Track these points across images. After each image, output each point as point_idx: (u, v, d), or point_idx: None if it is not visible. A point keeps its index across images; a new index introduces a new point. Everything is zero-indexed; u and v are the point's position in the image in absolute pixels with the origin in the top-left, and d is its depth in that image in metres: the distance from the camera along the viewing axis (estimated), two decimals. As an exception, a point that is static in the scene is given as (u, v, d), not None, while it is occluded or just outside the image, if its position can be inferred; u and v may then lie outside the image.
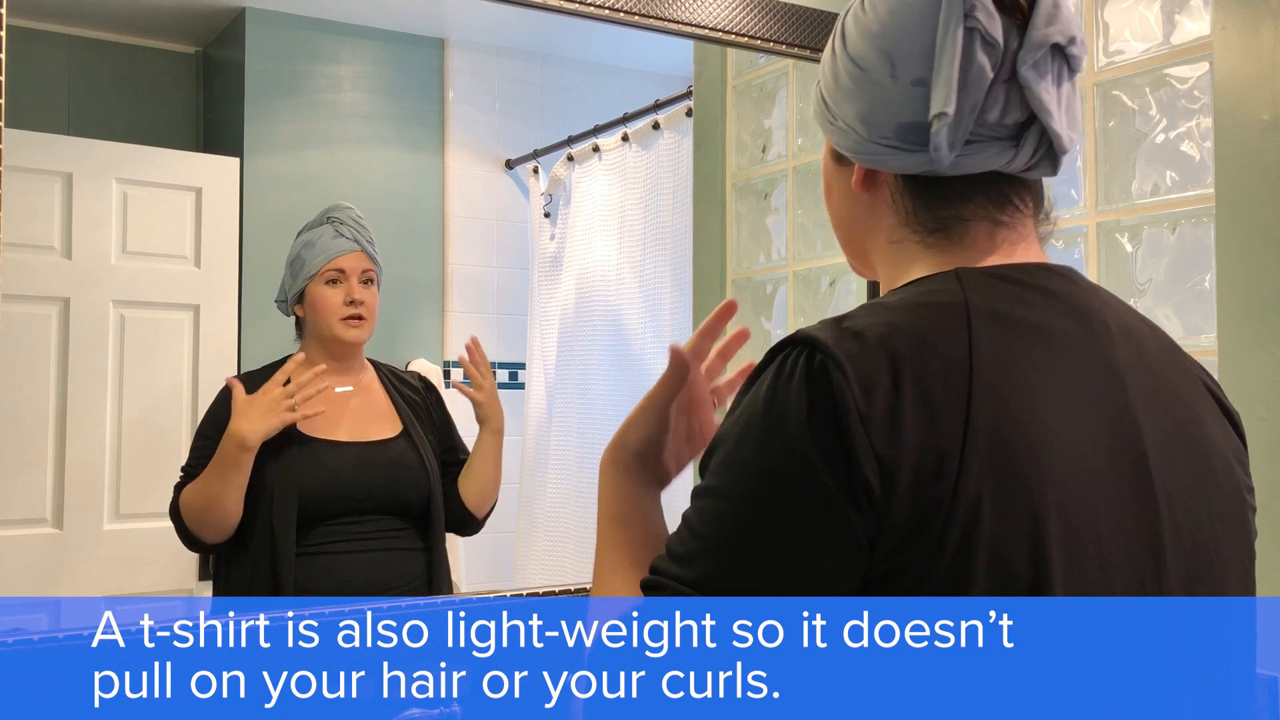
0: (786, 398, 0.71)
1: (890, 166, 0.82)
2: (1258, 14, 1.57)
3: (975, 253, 0.80)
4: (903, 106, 0.79)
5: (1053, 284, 0.78)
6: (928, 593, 0.69)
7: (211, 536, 1.58)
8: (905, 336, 0.72)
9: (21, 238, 1.46)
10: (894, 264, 0.84)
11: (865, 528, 0.69)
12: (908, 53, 0.79)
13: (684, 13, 1.77)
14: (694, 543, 0.74)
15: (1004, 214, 0.81)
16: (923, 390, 0.70)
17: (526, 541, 2.15)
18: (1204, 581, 0.78)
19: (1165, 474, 0.76)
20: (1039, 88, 0.77)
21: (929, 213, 0.82)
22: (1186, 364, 0.84)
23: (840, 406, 0.69)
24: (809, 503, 0.70)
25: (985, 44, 0.76)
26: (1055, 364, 0.74)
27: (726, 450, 0.75)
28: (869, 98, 0.81)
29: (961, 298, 0.75)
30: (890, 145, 0.80)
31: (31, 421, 1.62)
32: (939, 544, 0.68)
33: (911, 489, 0.68)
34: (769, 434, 0.72)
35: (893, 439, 0.68)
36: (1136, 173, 1.78)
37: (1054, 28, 0.77)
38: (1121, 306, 0.82)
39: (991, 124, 0.77)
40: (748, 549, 0.72)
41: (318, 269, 1.67)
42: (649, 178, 2.20)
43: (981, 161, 0.78)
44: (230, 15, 1.85)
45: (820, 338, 0.72)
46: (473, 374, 1.79)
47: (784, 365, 0.73)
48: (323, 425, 1.65)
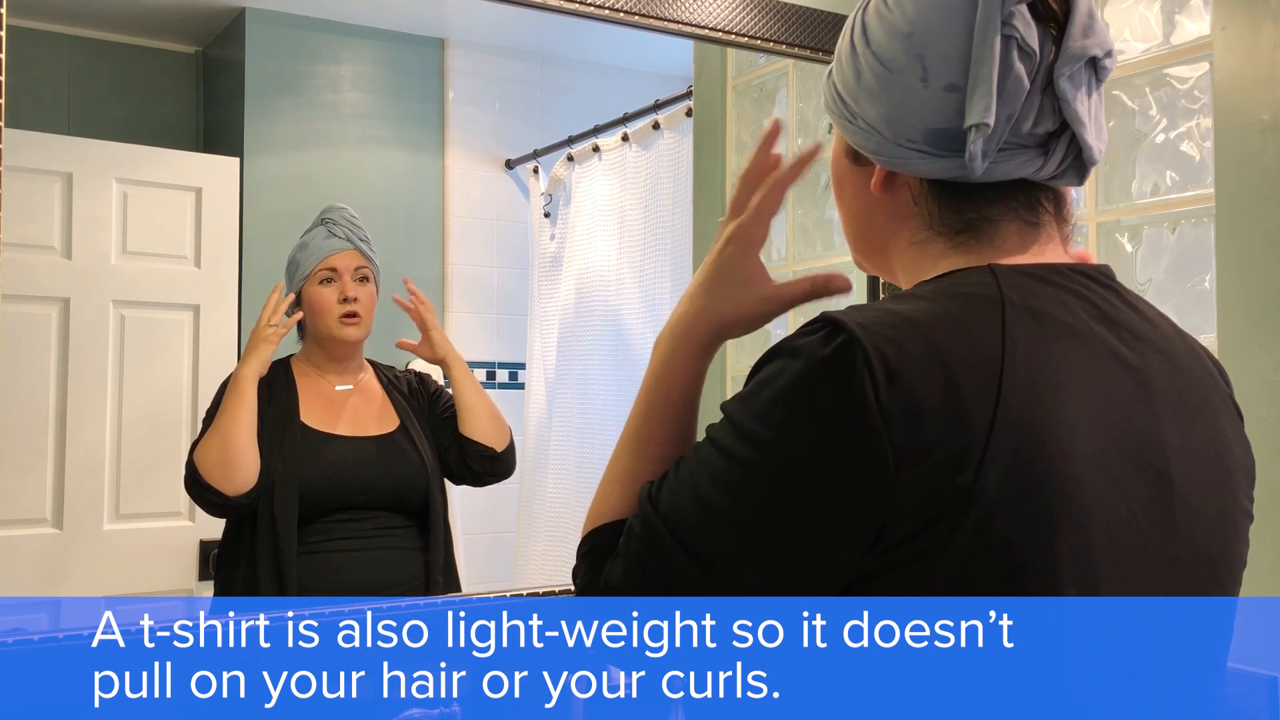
0: (808, 380, 0.70)
1: (916, 170, 0.79)
2: (1258, 14, 1.57)
3: (1004, 252, 0.79)
4: (934, 112, 0.77)
5: (1087, 287, 0.77)
6: (933, 586, 0.69)
7: (230, 484, 1.56)
8: (939, 324, 0.71)
9: (21, 238, 1.46)
10: (917, 264, 0.82)
11: (874, 517, 0.69)
12: (941, 56, 0.76)
13: (684, 13, 1.77)
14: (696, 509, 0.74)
15: (1034, 214, 0.80)
16: (951, 382, 0.69)
17: (526, 541, 2.15)
18: (1210, 592, 0.78)
19: (1186, 486, 0.76)
20: (1075, 99, 0.76)
21: (956, 215, 0.80)
22: (1213, 373, 0.83)
23: (860, 395, 0.68)
24: (819, 489, 0.70)
25: (1022, 53, 0.75)
26: (1086, 367, 0.73)
27: (741, 414, 0.74)
28: (896, 100, 0.78)
29: (997, 291, 0.73)
30: (917, 149, 0.78)
31: (31, 421, 1.62)
32: (948, 539, 0.68)
33: (927, 481, 0.68)
34: (785, 413, 0.71)
35: (912, 431, 0.68)
36: (1136, 173, 1.78)
37: (1091, 39, 0.76)
38: (1154, 313, 0.81)
39: (1024, 133, 0.76)
40: (752, 524, 0.72)
41: (311, 269, 1.69)
42: (649, 178, 2.20)
43: (1011, 169, 0.77)
44: (230, 15, 1.85)
45: (848, 321, 0.70)
46: (418, 315, 1.78)
47: (810, 344, 0.71)
48: (323, 420, 1.67)
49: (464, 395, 1.77)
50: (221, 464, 1.56)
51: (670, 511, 0.75)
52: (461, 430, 1.76)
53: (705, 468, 0.74)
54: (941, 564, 0.68)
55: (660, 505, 0.76)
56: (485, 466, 1.77)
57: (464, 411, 1.77)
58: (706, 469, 0.74)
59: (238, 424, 1.57)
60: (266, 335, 1.62)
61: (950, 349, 0.70)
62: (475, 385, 1.79)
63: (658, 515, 0.75)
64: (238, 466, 1.57)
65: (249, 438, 1.57)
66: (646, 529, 0.76)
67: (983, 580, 0.69)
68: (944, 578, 0.69)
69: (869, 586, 0.71)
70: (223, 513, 1.61)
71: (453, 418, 1.77)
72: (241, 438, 1.57)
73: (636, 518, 0.78)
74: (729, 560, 0.73)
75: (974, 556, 0.68)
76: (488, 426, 1.77)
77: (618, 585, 0.77)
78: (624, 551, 0.78)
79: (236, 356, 1.74)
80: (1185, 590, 0.75)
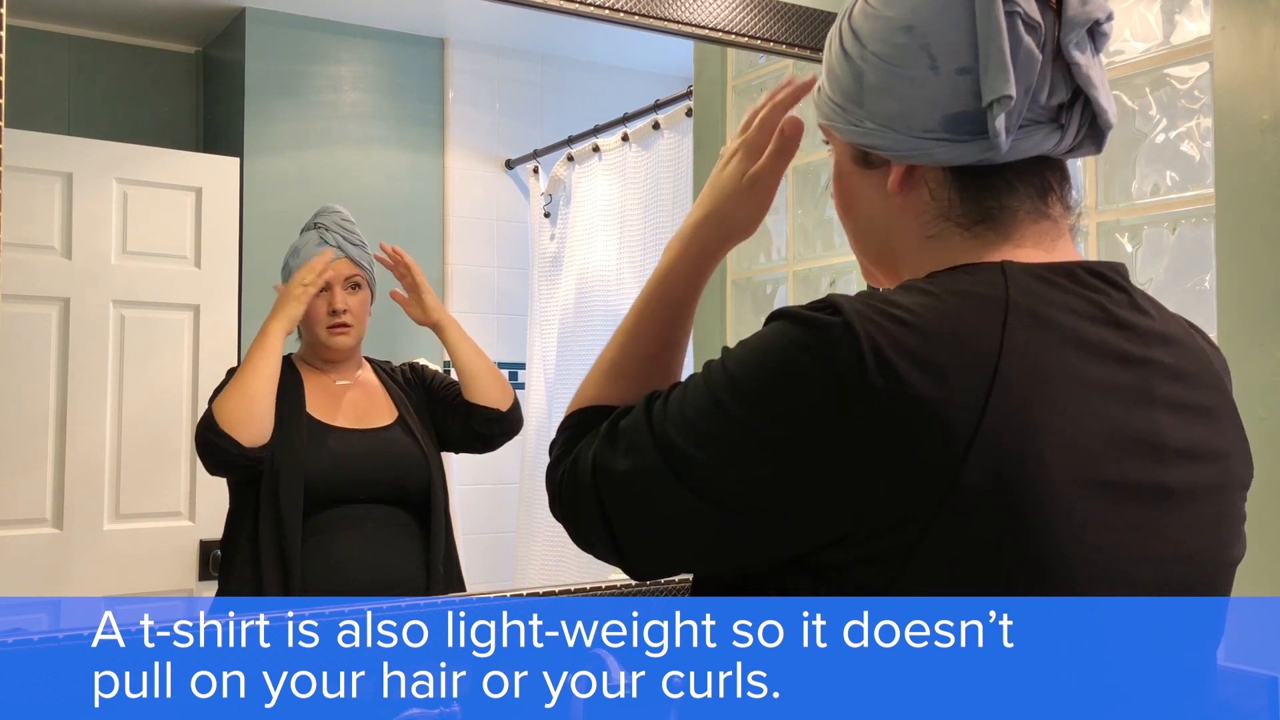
0: (800, 354, 0.71)
1: (939, 159, 0.79)
2: (1258, 14, 1.57)
3: (1018, 244, 0.79)
4: (949, 97, 0.77)
5: (1098, 290, 0.77)
6: (904, 583, 0.69)
7: (248, 433, 1.56)
8: (937, 321, 0.71)
9: (21, 238, 1.45)
10: (929, 256, 0.81)
11: (846, 503, 0.69)
12: (947, 43, 0.77)
13: (684, 13, 1.77)
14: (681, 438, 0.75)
15: (1046, 204, 0.80)
16: (941, 380, 0.69)
17: (526, 541, 2.15)
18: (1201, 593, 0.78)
19: (1182, 490, 0.76)
20: (1089, 68, 0.77)
21: (976, 204, 0.79)
22: (1218, 373, 0.83)
23: (844, 379, 0.69)
24: (791, 463, 0.70)
25: (1028, 25, 0.76)
26: (1085, 373, 0.73)
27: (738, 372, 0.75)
28: (907, 93, 0.78)
29: (1003, 293, 0.73)
30: (937, 138, 0.78)
31: (31, 421, 1.62)
32: (922, 536, 0.68)
33: (904, 476, 0.68)
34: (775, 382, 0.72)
35: (893, 424, 0.68)
36: (1136, 173, 1.78)
37: (1091, 4, 0.77)
38: (1164, 314, 0.81)
39: (1041, 106, 0.77)
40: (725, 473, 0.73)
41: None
42: (649, 178, 2.20)
43: (1032, 145, 0.77)
44: (230, 15, 1.85)
45: (848, 307, 0.71)
46: (407, 277, 1.78)
47: (809, 322, 0.72)
48: (326, 412, 1.68)
49: (464, 359, 1.78)
50: (241, 412, 1.56)
51: (661, 431, 0.77)
52: (467, 397, 1.76)
53: (699, 410, 0.76)
54: (914, 561, 0.69)
55: (654, 420, 0.78)
56: (493, 429, 1.78)
57: (466, 377, 1.77)
58: (701, 412, 0.76)
59: (260, 375, 1.58)
60: (297, 294, 1.64)
61: (945, 347, 0.70)
62: (472, 347, 1.79)
63: (649, 425, 0.78)
64: (258, 416, 1.57)
65: (270, 389, 1.58)
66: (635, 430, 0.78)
67: (959, 580, 0.69)
68: (916, 575, 0.69)
69: (841, 577, 0.71)
70: (231, 467, 1.59)
71: (455, 393, 1.78)
72: (263, 387, 1.58)
73: (628, 416, 0.80)
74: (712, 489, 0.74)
75: (948, 557, 0.68)
76: (492, 388, 1.78)
77: (590, 460, 0.81)
78: (605, 435, 0.81)
79: (237, 356, 1.74)
80: (1174, 591, 0.75)
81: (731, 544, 0.75)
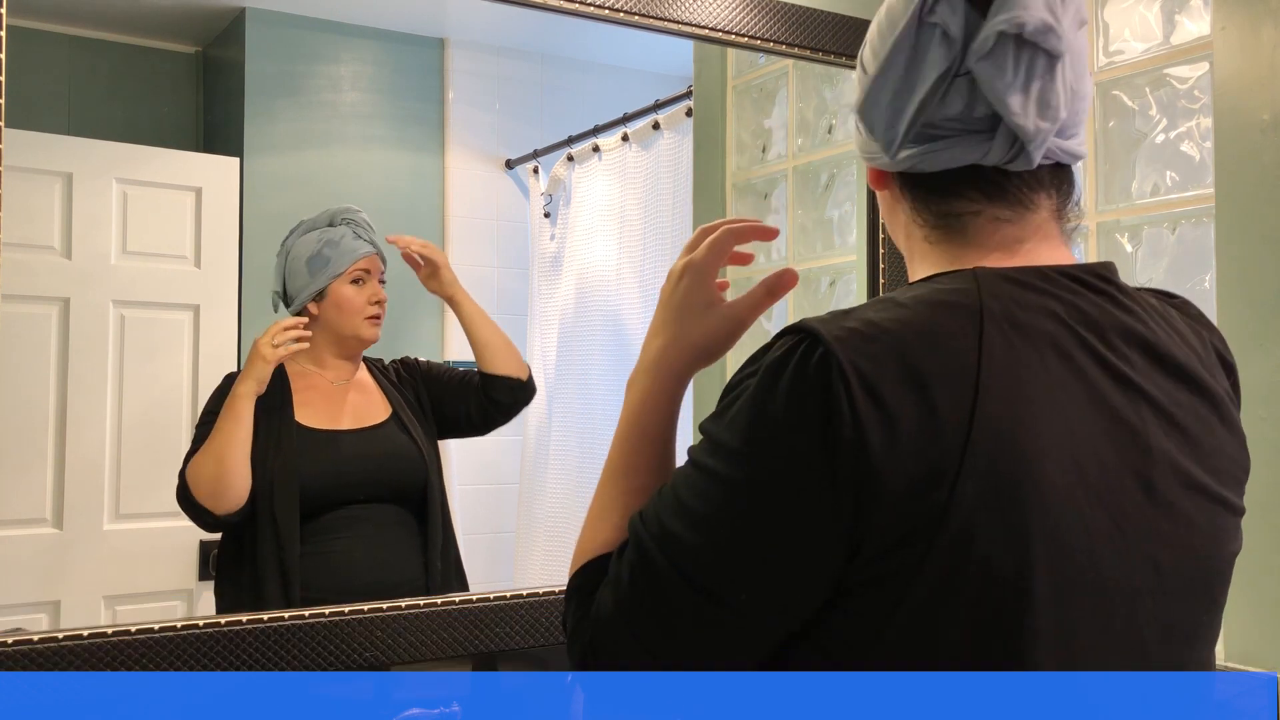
0: (781, 392, 0.70)
1: (879, 163, 0.83)
2: (1258, 14, 1.57)
3: (983, 251, 0.79)
4: (871, 105, 0.81)
5: (1075, 292, 0.76)
6: (913, 601, 0.69)
7: (221, 504, 1.58)
8: (914, 336, 0.71)
9: (21, 238, 1.45)
10: (918, 258, 0.84)
11: (848, 532, 0.69)
12: (873, 50, 0.81)
13: (684, 13, 1.77)
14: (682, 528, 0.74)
15: (1004, 209, 0.79)
16: (926, 396, 0.69)
17: (526, 541, 2.15)
18: (1199, 596, 0.78)
19: (1172, 491, 0.75)
20: (996, 80, 0.75)
21: (927, 208, 0.81)
22: (1214, 371, 0.82)
23: (833, 410, 0.68)
24: (791, 504, 0.70)
25: (944, 38, 0.76)
26: (1067, 379, 0.73)
27: (719, 431, 0.74)
28: (860, 99, 0.83)
29: (976, 300, 0.73)
30: (878, 141, 0.82)
31: (31, 421, 1.62)
32: (927, 553, 0.68)
33: (902, 498, 0.68)
34: (760, 428, 0.71)
35: (887, 445, 0.68)
36: (1136, 173, 1.78)
37: (1003, 16, 0.74)
38: (1152, 312, 0.80)
39: (954, 118, 0.76)
40: (734, 540, 0.72)
41: (345, 268, 1.72)
42: (649, 178, 2.20)
43: (954, 156, 0.77)
44: (230, 15, 1.85)
45: (824, 332, 0.70)
46: (427, 255, 1.82)
47: (784, 357, 0.71)
48: (320, 416, 1.69)
49: (480, 332, 1.81)
50: (214, 485, 1.58)
51: (659, 532, 0.75)
52: (485, 369, 1.79)
53: (689, 487, 0.75)
54: (921, 578, 0.68)
55: (649, 526, 0.76)
56: (513, 397, 1.82)
57: (483, 349, 1.80)
58: (690, 488, 0.75)
59: (232, 445, 1.58)
60: (266, 355, 1.64)
61: (925, 362, 0.70)
62: (486, 318, 1.83)
63: (648, 534, 0.76)
64: (230, 489, 1.58)
65: (243, 459, 1.59)
66: (638, 549, 0.76)
67: (963, 594, 0.69)
68: (924, 592, 0.69)
69: (848, 601, 0.71)
70: (211, 528, 1.63)
71: (461, 378, 1.79)
72: (236, 460, 1.58)
73: (627, 542, 0.78)
74: (715, 577, 0.72)
75: (953, 571, 0.68)
76: (508, 358, 1.82)
77: (610, 614, 0.77)
78: (614, 575, 0.78)
79: (237, 356, 1.74)
80: (1170, 592, 0.75)
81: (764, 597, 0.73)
